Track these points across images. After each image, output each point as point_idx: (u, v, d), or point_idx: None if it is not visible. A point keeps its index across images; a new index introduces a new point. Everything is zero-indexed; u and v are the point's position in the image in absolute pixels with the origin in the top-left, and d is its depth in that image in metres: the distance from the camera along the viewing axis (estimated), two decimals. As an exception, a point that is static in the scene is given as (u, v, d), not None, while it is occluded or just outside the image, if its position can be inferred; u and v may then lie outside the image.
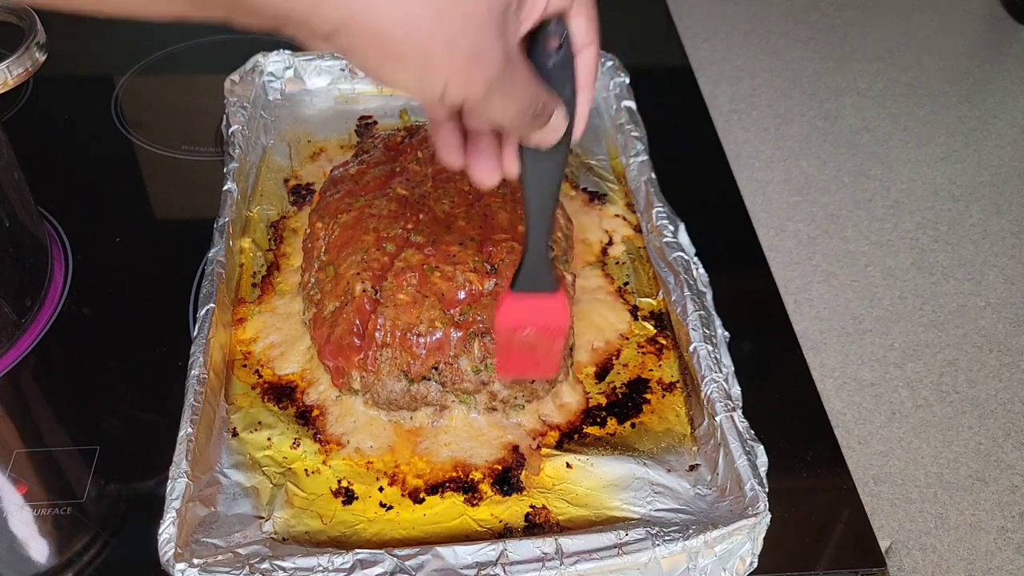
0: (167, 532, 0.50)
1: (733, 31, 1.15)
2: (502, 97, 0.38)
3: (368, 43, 0.34)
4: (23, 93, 0.91)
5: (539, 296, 0.51)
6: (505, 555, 0.50)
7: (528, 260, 0.49)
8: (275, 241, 0.76)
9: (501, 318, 0.52)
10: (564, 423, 0.63)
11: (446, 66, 0.35)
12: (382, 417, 0.62)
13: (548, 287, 0.50)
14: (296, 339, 0.67)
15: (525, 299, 0.51)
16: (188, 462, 0.54)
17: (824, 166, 0.95)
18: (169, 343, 0.67)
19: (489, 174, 0.45)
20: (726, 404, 0.58)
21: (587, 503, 0.57)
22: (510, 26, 0.36)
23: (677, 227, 0.73)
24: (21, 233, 0.69)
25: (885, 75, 1.09)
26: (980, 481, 0.67)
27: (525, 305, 0.51)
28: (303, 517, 0.56)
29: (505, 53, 0.36)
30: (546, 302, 0.51)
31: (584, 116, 0.44)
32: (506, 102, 0.38)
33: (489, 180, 0.46)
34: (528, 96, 0.39)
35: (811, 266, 0.83)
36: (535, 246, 0.48)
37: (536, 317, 0.52)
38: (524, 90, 0.38)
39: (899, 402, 0.72)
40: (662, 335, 0.69)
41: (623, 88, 0.88)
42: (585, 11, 0.40)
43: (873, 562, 0.57)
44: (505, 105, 0.38)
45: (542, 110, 0.40)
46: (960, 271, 0.84)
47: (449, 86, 0.36)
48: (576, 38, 0.41)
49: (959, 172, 0.95)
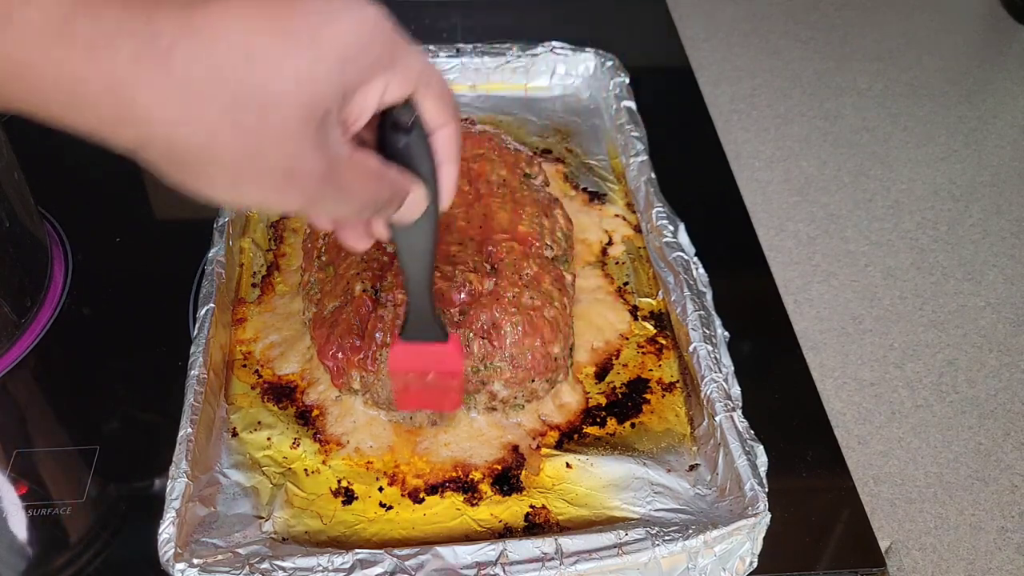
0: (167, 532, 0.50)
1: (733, 31, 1.15)
2: (333, 200, 0.37)
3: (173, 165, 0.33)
4: (23, 93, 0.91)
5: (431, 343, 0.52)
6: (505, 555, 0.51)
7: (412, 313, 0.51)
8: (275, 241, 0.76)
9: (392, 362, 0.54)
10: (564, 423, 0.63)
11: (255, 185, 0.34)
12: (382, 417, 0.62)
13: (437, 337, 0.52)
14: (296, 339, 0.67)
15: (416, 346, 0.53)
16: (188, 462, 0.54)
17: (824, 166, 0.95)
18: (169, 343, 0.67)
19: (357, 241, 0.45)
20: (726, 404, 0.58)
21: (587, 503, 0.57)
22: (331, 133, 0.34)
23: (677, 227, 0.73)
24: (21, 233, 0.69)
25: (885, 75, 1.09)
26: (980, 481, 0.67)
27: (417, 351, 0.53)
28: (303, 517, 0.56)
29: (328, 161, 0.35)
30: (438, 348, 0.53)
31: (450, 188, 0.43)
32: (339, 203, 0.37)
33: (359, 247, 0.46)
34: (367, 192, 0.38)
35: (811, 266, 0.83)
36: (416, 302, 0.50)
37: (429, 362, 0.53)
38: (362, 187, 0.37)
39: (899, 402, 0.72)
40: (662, 335, 0.69)
41: (623, 88, 0.88)
42: (433, 93, 0.39)
43: (873, 562, 0.57)
44: (338, 206, 0.37)
45: (389, 200, 0.39)
46: (960, 271, 0.84)
47: (264, 202, 0.35)
48: (428, 120, 0.40)
49: (959, 172, 0.95)
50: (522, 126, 0.90)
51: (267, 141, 0.33)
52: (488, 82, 0.94)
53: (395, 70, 0.36)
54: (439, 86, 0.39)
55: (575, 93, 0.94)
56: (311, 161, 0.34)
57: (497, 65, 0.93)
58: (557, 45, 0.93)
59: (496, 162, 0.72)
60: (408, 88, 0.38)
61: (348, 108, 0.35)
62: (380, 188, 0.39)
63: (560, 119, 0.91)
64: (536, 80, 0.94)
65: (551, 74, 0.94)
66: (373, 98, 0.36)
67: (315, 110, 0.33)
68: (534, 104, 0.93)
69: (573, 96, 0.94)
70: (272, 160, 0.33)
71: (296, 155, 0.34)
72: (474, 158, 0.72)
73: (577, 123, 0.91)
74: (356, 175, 0.37)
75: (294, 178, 0.34)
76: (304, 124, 0.33)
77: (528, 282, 0.62)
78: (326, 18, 0.33)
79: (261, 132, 0.32)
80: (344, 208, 0.38)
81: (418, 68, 0.38)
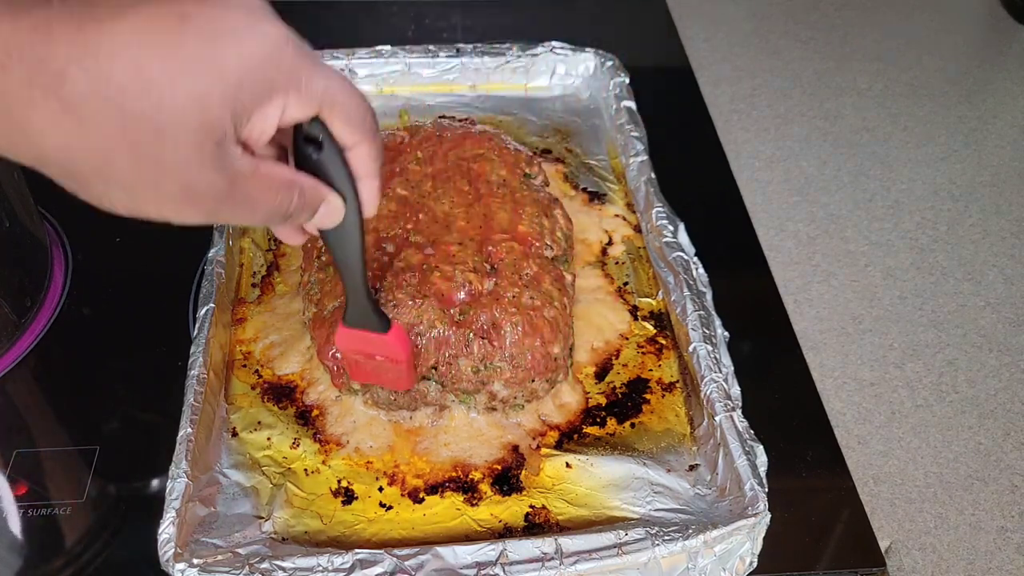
0: (167, 532, 0.50)
1: (733, 31, 1.15)
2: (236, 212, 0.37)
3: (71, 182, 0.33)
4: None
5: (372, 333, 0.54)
6: (505, 555, 0.51)
7: (350, 303, 0.53)
8: (275, 241, 0.76)
9: (339, 343, 0.56)
10: (564, 423, 0.63)
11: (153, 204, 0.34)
12: (382, 417, 0.62)
13: (377, 328, 0.54)
14: (296, 339, 0.67)
15: (359, 332, 0.55)
16: (188, 462, 0.54)
17: (824, 166, 0.95)
18: (169, 343, 0.67)
19: (289, 238, 0.47)
20: (726, 404, 0.58)
21: (587, 503, 0.57)
22: (230, 152, 0.35)
23: (677, 227, 0.73)
24: (21, 233, 0.69)
25: (885, 75, 1.09)
26: (980, 481, 0.67)
27: (361, 336, 0.55)
28: (303, 517, 0.56)
29: (228, 179, 0.35)
30: (381, 337, 0.55)
31: (371, 199, 0.44)
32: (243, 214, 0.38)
33: (292, 241, 0.47)
34: (272, 202, 0.38)
35: (811, 266, 0.83)
36: (352, 294, 0.52)
37: (373, 348, 0.55)
38: (267, 198, 0.38)
39: (899, 402, 0.72)
40: (662, 335, 0.69)
41: (623, 88, 0.88)
42: (340, 113, 0.39)
43: (873, 562, 0.57)
44: (242, 217, 0.38)
45: (300, 208, 0.40)
46: (960, 271, 0.84)
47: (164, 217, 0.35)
48: (339, 139, 0.40)
49: (959, 172, 0.95)
50: (522, 126, 0.90)
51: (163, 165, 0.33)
52: (488, 82, 0.94)
53: (295, 92, 0.36)
54: (346, 106, 0.39)
55: (575, 93, 0.94)
56: (209, 181, 0.34)
57: (497, 65, 0.93)
58: (557, 45, 0.93)
59: (496, 162, 0.72)
60: (309, 110, 0.38)
61: (247, 128, 0.35)
62: (286, 198, 0.39)
63: (560, 119, 0.91)
64: (536, 80, 0.94)
65: (551, 74, 0.94)
66: (272, 119, 0.36)
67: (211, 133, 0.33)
68: (534, 104, 0.93)
69: (573, 96, 0.94)
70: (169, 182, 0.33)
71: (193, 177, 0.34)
72: (474, 158, 0.72)
73: (577, 123, 0.91)
74: (261, 188, 0.37)
75: (192, 197, 0.35)
76: (199, 147, 0.33)
77: (528, 282, 0.62)
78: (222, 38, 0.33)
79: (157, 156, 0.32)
80: (249, 218, 0.38)
81: (320, 89, 0.37)
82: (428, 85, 0.93)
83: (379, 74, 0.93)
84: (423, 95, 0.93)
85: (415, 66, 0.93)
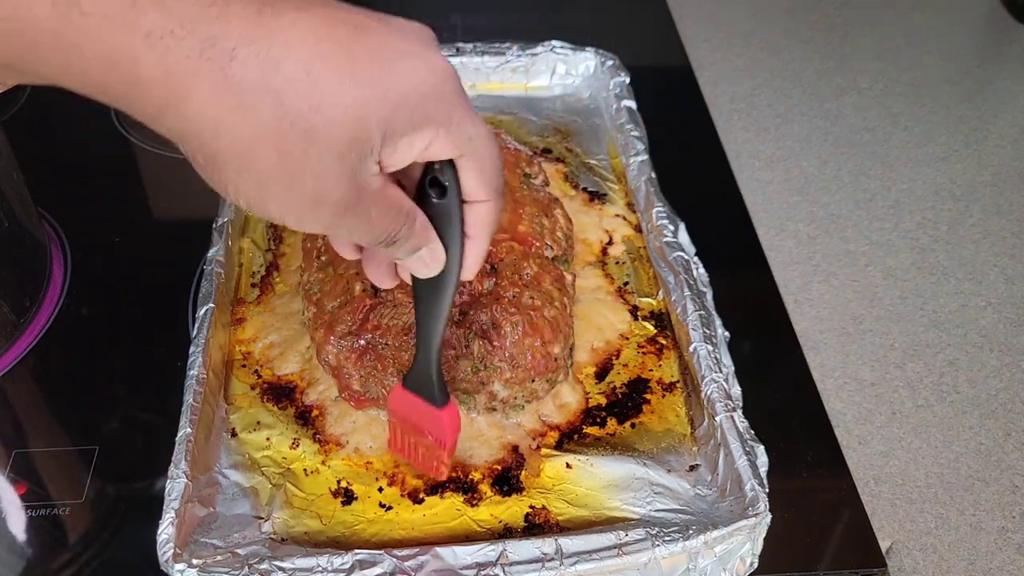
0: (166, 532, 0.50)
1: (733, 31, 1.15)
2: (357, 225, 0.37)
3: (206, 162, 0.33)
4: (23, 93, 0.91)
5: (426, 404, 0.53)
6: (505, 555, 0.50)
7: (417, 365, 0.51)
8: (274, 241, 0.76)
9: (391, 402, 0.55)
10: (564, 423, 0.63)
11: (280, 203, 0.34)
12: (382, 417, 0.62)
13: (435, 401, 0.52)
14: (295, 339, 0.67)
15: (416, 397, 0.53)
16: (187, 462, 0.54)
17: (824, 166, 0.95)
18: (168, 343, 0.67)
19: (381, 279, 0.47)
20: (726, 404, 0.58)
21: (587, 503, 0.57)
22: (366, 165, 0.35)
23: (677, 227, 0.73)
24: (20, 233, 0.69)
25: (885, 75, 1.09)
26: (981, 481, 0.67)
27: (414, 402, 0.53)
28: (302, 517, 0.56)
29: (357, 192, 0.35)
30: (434, 411, 0.53)
31: (474, 262, 0.44)
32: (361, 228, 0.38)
33: (382, 284, 0.47)
34: (387, 224, 0.38)
35: (811, 266, 0.83)
36: (423, 356, 0.51)
37: (423, 420, 0.54)
38: (384, 217, 0.38)
39: (899, 402, 0.72)
40: (662, 335, 0.69)
41: (623, 88, 0.88)
42: (478, 164, 0.39)
43: (873, 562, 0.57)
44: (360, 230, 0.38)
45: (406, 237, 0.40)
46: (961, 271, 0.84)
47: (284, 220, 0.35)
48: (466, 190, 0.40)
49: (959, 172, 0.95)
50: (522, 126, 0.90)
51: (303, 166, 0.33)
52: (488, 82, 0.94)
53: (444, 130, 0.36)
54: (487, 160, 0.39)
55: (575, 93, 0.94)
56: (342, 191, 0.34)
57: (497, 65, 0.93)
58: (557, 45, 0.93)
59: (496, 162, 0.72)
60: (453, 151, 0.37)
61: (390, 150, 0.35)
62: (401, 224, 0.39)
63: (560, 119, 0.91)
64: (536, 80, 0.94)
65: (551, 74, 0.94)
66: (416, 150, 0.36)
67: (359, 147, 0.33)
68: (534, 104, 0.93)
69: (573, 96, 0.94)
70: (304, 184, 0.33)
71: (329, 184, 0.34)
72: (474, 158, 0.72)
73: (577, 123, 0.91)
74: (382, 208, 0.37)
75: (320, 203, 0.34)
76: (343, 158, 0.33)
77: (528, 282, 0.62)
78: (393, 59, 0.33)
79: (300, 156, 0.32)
80: (363, 234, 0.38)
81: (469, 135, 0.37)
82: (428, 85, 0.93)
83: (379, 74, 0.93)
84: (423, 95, 0.93)
85: (415, 66, 0.92)
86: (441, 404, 0.53)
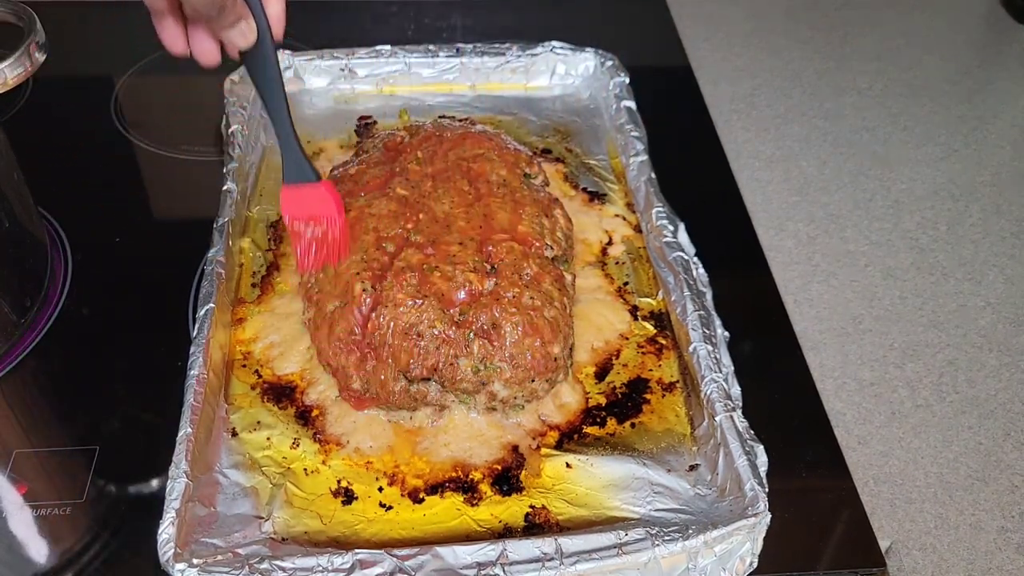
0: (166, 532, 0.50)
1: (733, 31, 1.15)
2: None
3: None
4: (23, 93, 0.91)
5: (308, 187, 0.59)
6: (505, 555, 0.50)
7: (285, 155, 0.58)
8: (275, 241, 0.76)
9: (284, 209, 0.60)
10: (564, 423, 0.63)
11: None
12: (381, 417, 0.62)
13: (310, 177, 0.59)
14: (296, 339, 0.67)
15: (297, 190, 0.59)
16: (187, 462, 0.54)
17: (824, 166, 0.95)
18: (169, 343, 0.67)
19: (208, 55, 0.53)
20: (726, 404, 0.58)
21: (587, 503, 0.57)
22: None
23: (677, 227, 0.73)
24: (21, 233, 0.69)
25: (885, 75, 1.09)
26: (980, 481, 0.67)
27: (299, 195, 0.59)
28: (303, 517, 0.56)
29: None
30: (315, 192, 0.59)
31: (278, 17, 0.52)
32: None
33: (210, 60, 0.53)
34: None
35: (811, 266, 0.83)
36: (285, 139, 0.58)
37: (313, 205, 0.60)
38: None
39: (899, 402, 0.72)
40: (662, 335, 0.69)
41: (623, 88, 0.88)
42: None
43: (873, 562, 0.57)
44: None
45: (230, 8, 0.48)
46: (960, 271, 0.84)
47: None
48: None
49: (959, 172, 0.95)
50: (522, 126, 0.90)
51: None
52: (488, 82, 0.94)
53: None
54: None
55: (575, 93, 0.94)
56: None
57: (497, 65, 0.93)
58: (557, 45, 0.93)
59: (496, 162, 0.72)
60: None
61: None
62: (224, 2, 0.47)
63: (560, 119, 0.91)
64: (536, 80, 0.94)
65: (551, 74, 0.94)
66: None
67: None
68: (534, 104, 0.93)
69: (573, 96, 0.94)
70: None
71: None
72: (474, 158, 0.72)
73: (577, 123, 0.91)
74: None
75: None
76: None
77: (528, 282, 0.62)
78: None
79: None
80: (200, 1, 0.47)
81: None
82: (428, 85, 0.93)
83: (379, 74, 0.93)
84: (423, 95, 0.93)
85: (415, 66, 0.93)
86: (318, 178, 0.59)
